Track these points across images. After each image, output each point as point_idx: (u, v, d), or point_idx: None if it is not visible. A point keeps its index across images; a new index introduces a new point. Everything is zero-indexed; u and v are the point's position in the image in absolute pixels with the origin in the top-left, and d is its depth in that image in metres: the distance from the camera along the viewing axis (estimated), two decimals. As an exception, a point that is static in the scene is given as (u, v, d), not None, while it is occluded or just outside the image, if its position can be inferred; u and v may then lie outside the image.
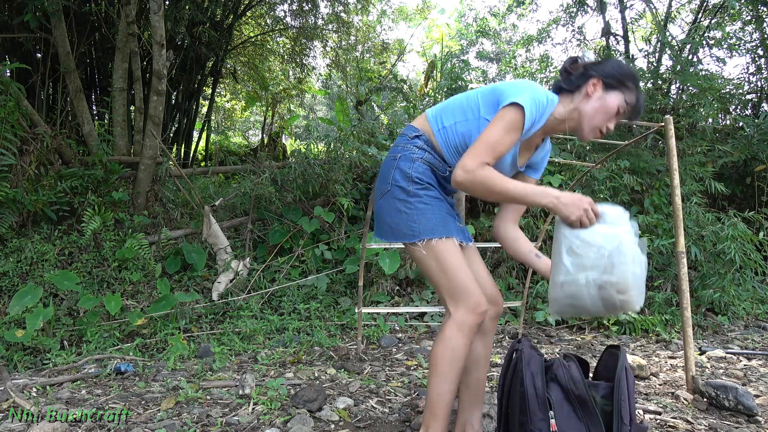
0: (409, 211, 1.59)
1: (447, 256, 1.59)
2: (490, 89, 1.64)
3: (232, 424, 2.01)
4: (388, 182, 1.63)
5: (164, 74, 4.48)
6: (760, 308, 4.48)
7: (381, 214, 1.66)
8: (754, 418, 2.17)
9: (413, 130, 1.68)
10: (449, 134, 1.66)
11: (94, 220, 3.97)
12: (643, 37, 8.92)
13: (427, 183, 1.62)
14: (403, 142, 1.68)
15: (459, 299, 1.58)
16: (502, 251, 4.72)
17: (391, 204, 1.62)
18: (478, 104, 1.63)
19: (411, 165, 1.62)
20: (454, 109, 1.67)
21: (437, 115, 1.68)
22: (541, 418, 1.53)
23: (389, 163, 1.66)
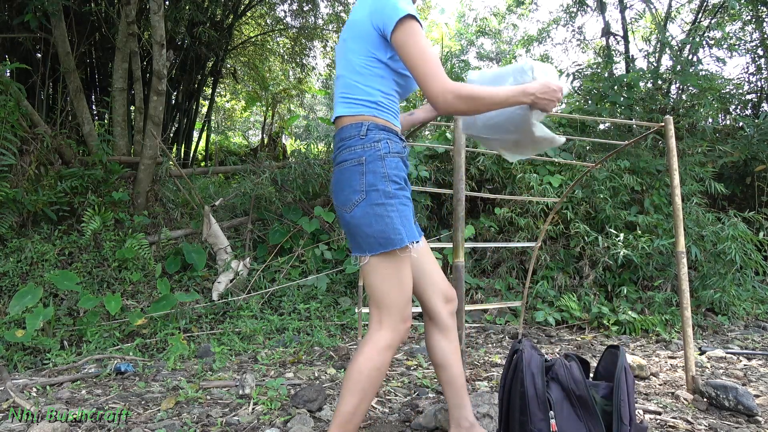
0: (393, 215, 1.48)
1: (407, 266, 1.53)
2: (359, 34, 1.55)
3: (232, 424, 2.02)
4: (360, 190, 1.48)
5: (164, 74, 4.48)
6: (760, 308, 4.49)
7: (359, 227, 1.49)
8: (754, 418, 2.17)
9: (357, 127, 1.53)
10: (386, 102, 1.58)
11: (94, 220, 3.97)
12: (643, 37, 8.92)
13: (402, 182, 1.53)
14: (357, 144, 1.51)
15: (392, 315, 1.52)
16: (502, 251, 4.73)
17: (370, 212, 1.47)
18: (369, 55, 1.54)
19: (383, 163, 1.49)
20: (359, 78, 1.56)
21: (356, 99, 1.57)
22: (541, 419, 1.54)
23: (353, 169, 1.50)
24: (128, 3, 4.63)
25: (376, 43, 1.53)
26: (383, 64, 1.55)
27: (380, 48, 1.54)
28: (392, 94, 1.60)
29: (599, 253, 4.35)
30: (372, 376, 1.49)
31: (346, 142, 1.53)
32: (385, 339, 1.51)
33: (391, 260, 1.49)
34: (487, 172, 4.87)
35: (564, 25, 8.79)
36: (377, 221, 1.47)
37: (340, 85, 1.60)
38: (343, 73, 1.59)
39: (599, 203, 4.58)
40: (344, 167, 1.52)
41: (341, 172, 1.53)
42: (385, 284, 1.50)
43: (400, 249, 1.48)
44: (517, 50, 11.76)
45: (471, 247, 4.70)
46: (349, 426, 1.49)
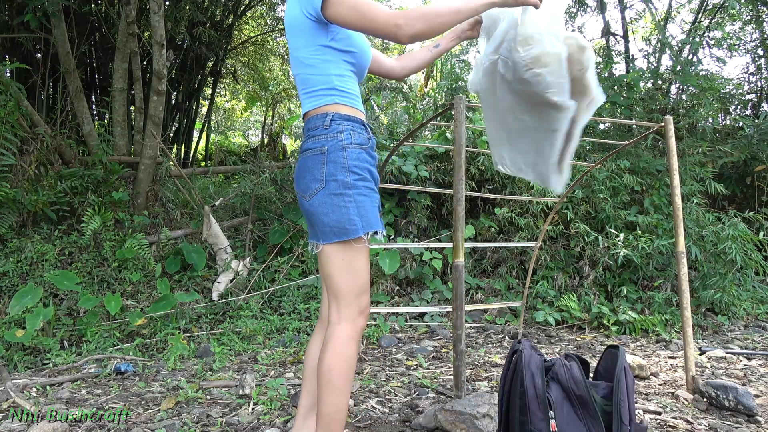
0: (350, 205, 1.49)
1: (362, 257, 1.53)
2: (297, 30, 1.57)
3: (232, 424, 2.02)
4: (321, 178, 1.50)
5: (164, 74, 4.48)
6: (760, 308, 4.49)
7: (316, 215, 1.51)
8: (754, 418, 2.17)
9: (321, 118, 1.55)
10: (343, 84, 1.59)
11: (94, 220, 3.97)
12: (643, 37, 8.92)
13: (363, 173, 1.54)
14: (321, 133, 1.54)
15: (351, 304, 1.52)
16: (502, 251, 4.73)
17: (328, 201, 1.49)
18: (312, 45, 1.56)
19: (344, 153, 1.51)
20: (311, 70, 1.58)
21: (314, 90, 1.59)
22: (541, 418, 1.54)
23: (315, 158, 1.52)
24: (128, 3, 4.63)
25: (315, 30, 1.55)
26: (327, 48, 1.57)
27: (319, 34, 1.56)
28: (346, 75, 1.62)
29: (599, 253, 4.35)
30: (342, 371, 1.49)
31: (311, 132, 1.57)
32: (345, 332, 1.51)
33: (347, 250, 1.50)
34: (487, 172, 4.86)
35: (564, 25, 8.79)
36: (334, 210, 1.49)
37: (298, 84, 1.64)
38: (297, 72, 1.62)
39: (599, 203, 4.58)
40: (307, 156, 1.55)
41: (304, 160, 1.55)
42: (341, 275, 1.51)
43: (354, 239, 1.49)
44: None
45: (471, 247, 4.71)
46: (333, 425, 1.49)
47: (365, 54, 1.68)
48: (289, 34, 1.61)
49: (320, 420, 1.50)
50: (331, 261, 1.52)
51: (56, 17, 4.56)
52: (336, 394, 1.49)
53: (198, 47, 6.87)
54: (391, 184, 4.28)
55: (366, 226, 1.51)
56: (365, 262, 1.55)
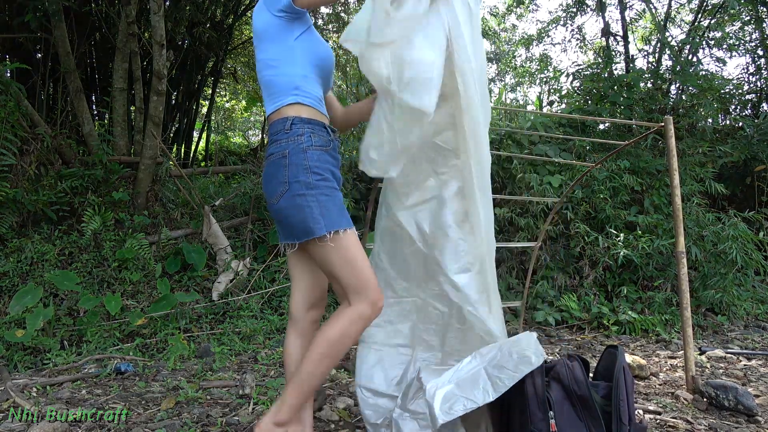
0: (312, 205, 1.53)
1: (352, 248, 1.57)
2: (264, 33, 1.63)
3: (232, 424, 2.02)
4: (284, 181, 1.54)
5: (164, 74, 4.48)
6: (760, 308, 4.49)
7: (282, 217, 1.57)
8: (754, 418, 2.17)
9: (282, 122, 1.60)
10: (306, 85, 1.63)
11: (94, 220, 3.97)
12: (643, 37, 8.92)
13: (324, 174, 1.57)
14: (282, 137, 1.58)
15: (362, 293, 1.55)
16: (502, 251, 4.72)
17: (292, 202, 1.53)
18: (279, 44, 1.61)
19: (305, 156, 1.56)
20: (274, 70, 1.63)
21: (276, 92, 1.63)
22: (541, 418, 1.54)
23: (278, 162, 1.56)
24: (128, 3, 4.63)
25: (282, 30, 1.61)
26: (293, 48, 1.62)
27: (286, 32, 1.62)
28: (310, 76, 1.65)
29: (599, 253, 4.35)
30: (342, 345, 1.55)
31: (273, 137, 1.61)
32: (361, 309, 1.55)
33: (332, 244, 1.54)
34: (487, 172, 4.86)
35: (564, 25, 8.79)
36: (298, 211, 1.53)
37: (263, 87, 1.68)
38: (261, 76, 1.67)
39: (599, 203, 4.58)
40: (271, 160, 1.59)
41: (269, 164, 1.60)
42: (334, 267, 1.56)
43: (319, 238, 1.53)
44: (516, 50, 11.76)
45: (471, 247, 4.69)
46: (305, 386, 1.55)
47: (328, 56, 1.73)
48: (258, 41, 1.66)
49: (298, 376, 1.55)
50: (321, 257, 1.57)
51: (56, 17, 4.55)
52: (323, 362, 1.54)
53: (198, 47, 6.86)
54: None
55: (329, 225, 1.54)
56: (357, 255, 1.57)
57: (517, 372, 1.51)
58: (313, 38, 1.69)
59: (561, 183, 4.65)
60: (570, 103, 6.25)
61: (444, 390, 1.60)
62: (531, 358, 1.52)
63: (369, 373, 1.93)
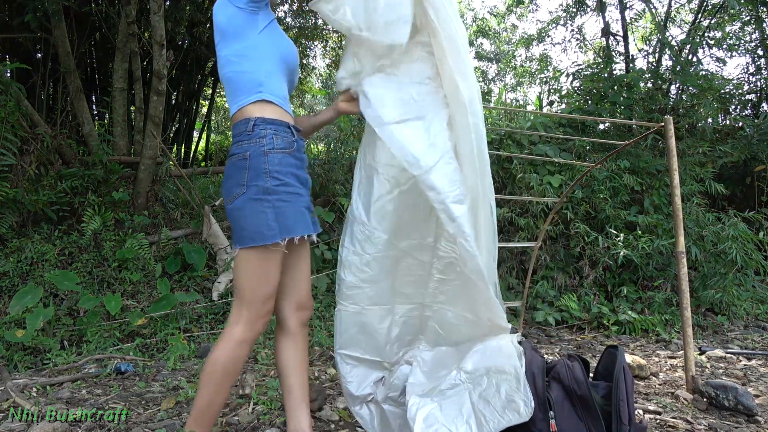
0: (268, 211, 1.51)
1: (276, 264, 1.55)
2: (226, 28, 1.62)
3: (232, 424, 2.02)
4: (242, 183, 1.52)
5: (164, 74, 4.48)
6: (760, 308, 4.49)
7: (237, 219, 1.54)
8: (754, 418, 2.17)
9: (245, 123, 1.57)
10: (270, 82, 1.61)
11: (94, 220, 3.97)
12: (643, 37, 8.91)
13: (285, 179, 1.55)
14: (245, 139, 1.56)
15: (254, 308, 1.54)
16: (502, 251, 4.73)
17: (248, 206, 1.51)
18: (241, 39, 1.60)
19: (265, 159, 1.53)
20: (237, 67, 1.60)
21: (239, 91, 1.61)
22: (541, 419, 1.54)
23: (238, 163, 1.55)
24: (128, 3, 4.63)
25: (246, 23, 1.59)
26: (257, 41, 1.60)
27: (250, 26, 1.60)
28: (275, 72, 1.63)
29: (599, 253, 4.35)
30: (227, 370, 1.54)
31: (236, 138, 1.59)
32: (240, 333, 1.55)
33: (260, 255, 1.52)
34: (487, 172, 4.86)
35: (563, 25, 8.79)
36: (252, 215, 1.51)
37: (224, 85, 1.66)
38: (223, 73, 1.64)
39: (599, 203, 4.58)
40: (232, 161, 1.58)
41: (229, 165, 1.59)
42: (250, 279, 1.54)
43: (272, 245, 1.51)
44: (516, 50, 11.76)
45: (471, 247, 4.70)
46: (203, 419, 1.54)
47: (292, 52, 1.71)
48: (220, 37, 1.63)
49: (193, 412, 1.55)
50: (242, 265, 1.54)
51: (56, 17, 4.55)
52: (212, 390, 1.53)
53: (198, 47, 6.86)
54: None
55: (283, 232, 1.52)
56: (277, 269, 1.56)
57: (503, 418, 1.49)
58: (277, 32, 1.67)
59: (561, 183, 4.65)
60: (570, 103, 6.25)
61: (426, 410, 1.59)
62: (519, 407, 1.49)
63: (351, 339, 1.90)
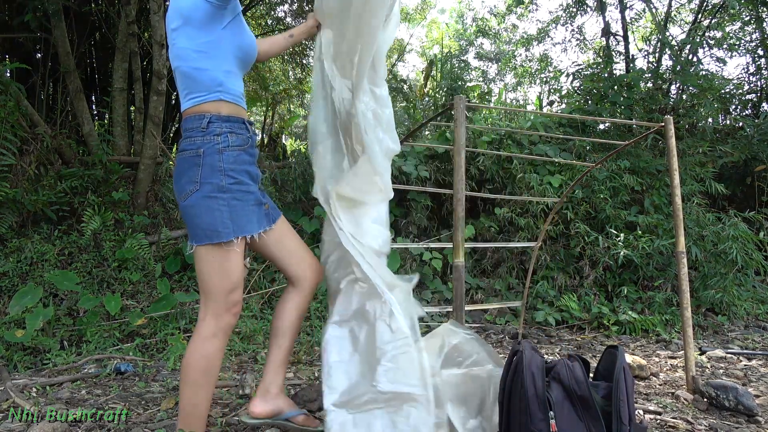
0: (223, 209, 1.51)
1: (234, 258, 1.55)
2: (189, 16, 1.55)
3: (232, 424, 2.02)
4: (196, 181, 1.51)
5: (164, 74, 4.48)
6: (760, 308, 4.49)
7: (190, 216, 1.53)
8: (754, 418, 2.17)
9: (199, 119, 1.55)
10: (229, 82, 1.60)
11: (94, 220, 3.97)
12: (643, 37, 8.91)
13: (239, 177, 1.55)
14: (198, 135, 1.54)
15: (218, 301, 1.55)
16: (502, 251, 4.73)
17: (202, 204, 1.51)
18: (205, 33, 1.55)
19: (220, 157, 1.52)
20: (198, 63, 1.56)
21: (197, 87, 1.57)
22: (541, 419, 1.53)
23: (191, 160, 1.53)
24: (128, 3, 4.63)
25: (210, 18, 1.54)
26: (219, 39, 1.57)
27: (214, 21, 1.55)
28: (233, 71, 1.62)
29: (599, 253, 4.35)
30: (200, 366, 1.52)
31: (188, 133, 1.57)
32: (208, 327, 1.55)
33: (217, 251, 1.53)
34: (487, 172, 4.87)
35: (563, 25, 8.79)
36: (207, 213, 1.51)
37: (178, 77, 1.61)
38: (178, 65, 1.59)
39: (599, 203, 4.58)
40: (183, 156, 1.55)
41: (181, 161, 1.56)
42: (211, 274, 1.54)
43: (225, 243, 1.52)
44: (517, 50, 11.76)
45: (471, 247, 4.70)
46: (190, 419, 1.53)
47: (253, 45, 1.69)
48: (181, 23, 1.56)
49: (179, 414, 1.54)
50: (202, 261, 1.54)
51: (56, 17, 4.55)
52: (192, 389, 1.52)
53: (198, 47, 6.86)
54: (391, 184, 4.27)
55: (237, 230, 1.53)
56: (237, 263, 1.57)
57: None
58: (241, 27, 1.63)
59: (561, 183, 4.65)
60: (570, 103, 6.25)
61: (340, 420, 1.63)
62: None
63: None
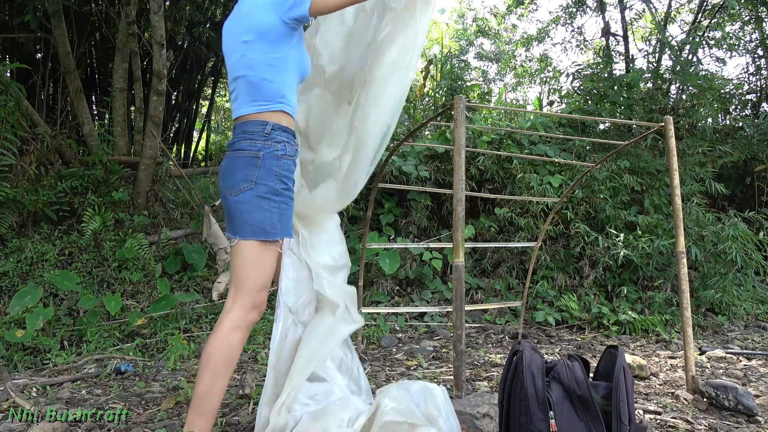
0: (274, 210, 1.62)
1: (273, 255, 1.66)
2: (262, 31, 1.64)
3: (232, 424, 2.02)
4: (252, 180, 1.61)
5: (164, 74, 4.48)
6: (760, 308, 4.49)
7: (240, 212, 1.62)
8: (754, 418, 2.17)
9: (262, 125, 1.65)
10: (290, 95, 1.71)
11: (94, 220, 3.97)
12: (643, 37, 8.91)
13: (288, 183, 1.68)
14: (259, 139, 1.64)
15: (249, 295, 1.62)
16: (502, 251, 4.73)
17: (255, 202, 1.61)
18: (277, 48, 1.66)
19: (278, 163, 1.64)
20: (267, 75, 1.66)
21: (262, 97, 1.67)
22: (541, 419, 1.54)
23: (249, 160, 1.62)
24: (128, 3, 4.63)
25: (284, 36, 1.66)
26: (288, 56, 1.68)
27: (287, 39, 1.67)
28: (294, 86, 1.74)
29: (599, 253, 4.35)
30: (222, 356, 1.58)
31: (248, 135, 1.65)
32: (234, 319, 1.61)
33: (261, 247, 1.63)
34: (487, 172, 4.86)
35: (563, 25, 8.79)
36: (258, 211, 1.61)
37: (242, 85, 1.69)
38: (246, 74, 1.68)
39: (599, 203, 4.58)
40: (241, 155, 1.64)
41: (236, 158, 1.64)
42: (248, 268, 1.63)
43: (271, 241, 1.63)
44: (517, 50, 11.76)
45: (471, 247, 4.71)
46: (204, 407, 1.57)
47: (309, 64, 1.83)
48: (256, 37, 1.65)
49: (193, 400, 1.57)
50: (243, 254, 1.63)
51: (56, 17, 4.55)
52: (211, 379, 1.57)
53: (198, 47, 6.86)
54: (391, 184, 4.28)
55: (284, 231, 1.66)
56: (274, 261, 1.67)
57: None
58: (303, 46, 1.76)
59: (561, 183, 4.65)
60: (570, 103, 6.25)
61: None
62: None
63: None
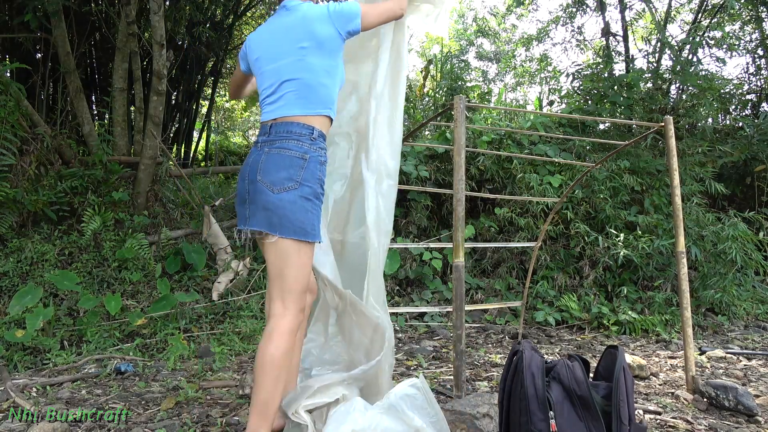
0: (314, 212, 1.68)
1: (311, 258, 1.72)
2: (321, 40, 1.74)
3: (232, 424, 2.02)
4: (297, 180, 1.64)
5: (164, 74, 4.48)
6: (760, 308, 4.49)
7: (283, 209, 1.63)
8: (754, 418, 2.17)
9: (309, 129, 1.70)
10: (335, 105, 1.81)
11: (94, 220, 3.97)
12: (643, 37, 8.91)
13: (324, 189, 1.76)
14: (306, 141, 1.69)
15: (298, 299, 1.67)
16: (502, 251, 4.73)
17: (298, 202, 1.64)
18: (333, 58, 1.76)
19: (321, 168, 1.71)
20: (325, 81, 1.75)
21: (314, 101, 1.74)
22: (541, 419, 1.54)
23: (295, 160, 1.65)
24: (128, 3, 4.63)
25: (339, 46, 1.78)
26: (338, 64, 1.79)
27: (339, 48, 1.78)
28: (337, 95, 1.84)
29: (599, 253, 4.35)
30: (283, 360, 1.62)
31: (294, 135, 1.69)
32: (289, 324, 1.64)
33: (301, 247, 1.66)
34: (487, 172, 4.86)
35: (563, 25, 8.78)
36: (301, 212, 1.64)
37: (296, 86, 1.73)
38: (304, 76, 1.73)
39: (599, 203, 4.58)
40: (286, 154, 1.67)
41: (281, 156, 1.66)
42: (293, 269, 1.66)
43: (311, 242, 1.68)
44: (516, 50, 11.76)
45: (471, 247, 4.70)
46: (269, 411, 1.61)
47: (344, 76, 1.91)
48: (316, 46, 1.74)
49: (256, 407, 1.60)
50: (285, 254, 1.65)
51: (56, 17, 4.55)
52: (273, 384, 1.60)
53: (198, 47, 6.86)
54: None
55: (319, 234, 1.72)
56: (311, 262, 1.74)
57: None
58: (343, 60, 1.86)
59: (561, 183, 4.65)
60: (570, 103, 6.25)
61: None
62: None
63: None
